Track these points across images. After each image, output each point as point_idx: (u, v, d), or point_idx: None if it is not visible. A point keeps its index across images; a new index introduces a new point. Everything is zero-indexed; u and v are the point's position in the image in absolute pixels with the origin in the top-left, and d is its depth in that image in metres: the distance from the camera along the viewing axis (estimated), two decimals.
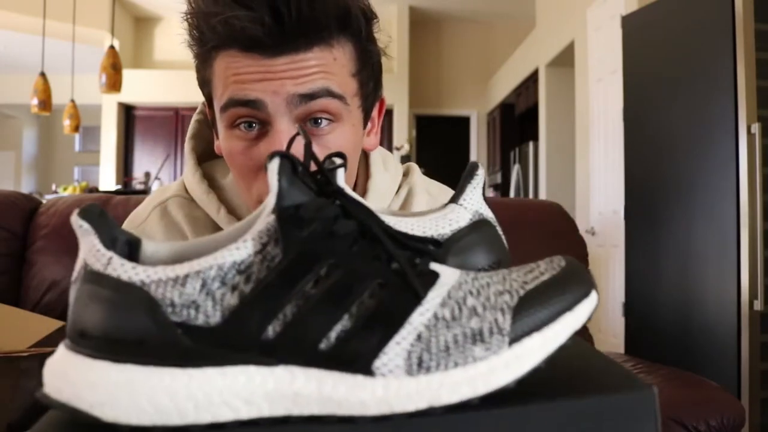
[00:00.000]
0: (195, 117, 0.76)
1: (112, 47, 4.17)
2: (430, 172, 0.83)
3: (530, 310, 0.30)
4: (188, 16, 0.58)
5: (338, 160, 0.37)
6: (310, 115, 0.57)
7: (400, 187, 0.76)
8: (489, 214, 0.45)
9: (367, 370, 0.29)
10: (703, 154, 2.13)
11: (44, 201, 1.39)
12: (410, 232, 0.41)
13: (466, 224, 0.43)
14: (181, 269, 0.30)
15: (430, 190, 0.79)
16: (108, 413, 0.29)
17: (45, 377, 0.31)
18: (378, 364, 0.29)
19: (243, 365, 0.30)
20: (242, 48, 0.56)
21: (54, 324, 1.03)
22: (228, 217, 0.68)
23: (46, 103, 4.69)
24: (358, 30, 0.59)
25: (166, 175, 6.92)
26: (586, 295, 0.30)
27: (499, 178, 6.64)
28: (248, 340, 0.30)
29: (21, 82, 7.62)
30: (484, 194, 0.45)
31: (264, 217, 0.31)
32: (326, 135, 0.58)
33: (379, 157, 0.74)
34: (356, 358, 0.29)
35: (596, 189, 3.72)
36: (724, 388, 1.02)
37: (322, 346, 0.29)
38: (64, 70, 6.71)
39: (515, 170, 5.95)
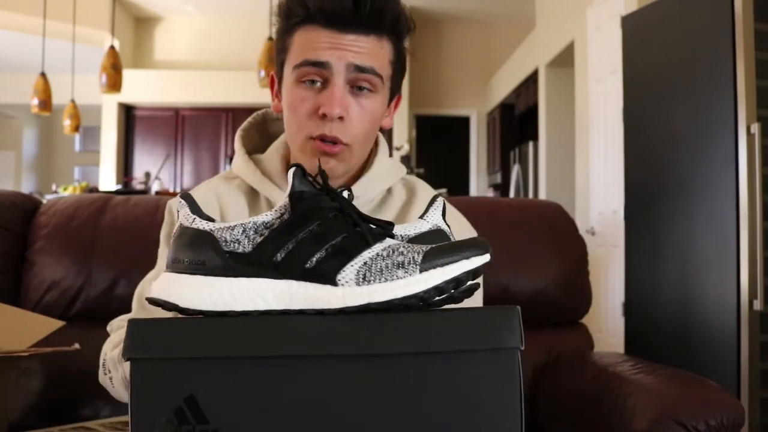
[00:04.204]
0: (249, 119, 0.94)
1: (112, 47, 4.18)
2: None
3: (437, 254, 0.51)
4: None
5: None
6: (357, 82, 0.77)
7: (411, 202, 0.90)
8: (446, 228, 0.61)
9: (333, 281, 0.52)
10: (703, 154, 2.13)
11: (44, 201, 1.40)
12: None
13: (425, 231, 0.60)
14: (233, 224, 0.55)
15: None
16: (184, 302, 0.53)
17: (153, 288, 0.55)
18: (339, 277, 0.51)
19: (262, 278, 0.53)
20: (322, 22, 0.75)
21: (54, 324, 1.03)
22: (261, 177, 0.85)
23: (46, 103, 4.70)
24: (402, 34, 0.80)
25: (166, 175, 6.91)
26: (482, 254, 0.51)
27: (499, 178, 6.64)
28: (266, 261, 0.53)
29: (21, 82, 7.61)
30: (444, 216, 0.62)
31: (283, 198, 0.55)
32: (364, 99, 0.78)
33: (385, 145, 0.93)
34: (327, 273, 0.52)
35: (596, 189, 3.73)
36: (724, 388, 1.02)
37: (308, 266, 0.52)
38: (64, 70, 6.71)
39: (515, 170, 5.95)
